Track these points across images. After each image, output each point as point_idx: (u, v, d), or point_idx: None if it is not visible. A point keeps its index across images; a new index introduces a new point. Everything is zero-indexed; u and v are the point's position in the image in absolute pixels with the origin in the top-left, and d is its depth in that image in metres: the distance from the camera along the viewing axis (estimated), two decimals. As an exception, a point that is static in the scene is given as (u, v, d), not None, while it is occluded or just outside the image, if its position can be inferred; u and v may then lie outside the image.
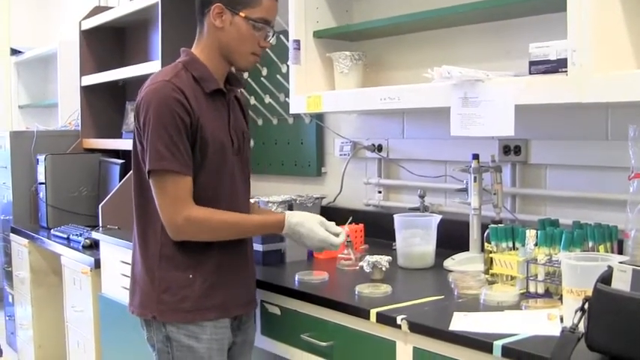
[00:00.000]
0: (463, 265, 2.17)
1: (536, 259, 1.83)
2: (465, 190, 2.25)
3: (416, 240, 2.25)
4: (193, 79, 1.82)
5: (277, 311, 2.08)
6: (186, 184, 1.76)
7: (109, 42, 4.05)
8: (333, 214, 2.93)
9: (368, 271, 2.08)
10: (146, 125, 1.75)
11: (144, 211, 1.83)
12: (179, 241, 1.81)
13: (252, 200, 2.33)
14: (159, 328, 1.83)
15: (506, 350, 1.46)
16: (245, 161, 1.94)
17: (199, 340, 1.81)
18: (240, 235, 1.86)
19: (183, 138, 1.75)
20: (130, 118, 3.84)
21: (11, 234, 3.92)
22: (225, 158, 1.84)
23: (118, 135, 3.93)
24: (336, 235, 1.93)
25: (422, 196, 2.54)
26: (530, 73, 1.89)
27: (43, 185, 3.79)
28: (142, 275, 1.85)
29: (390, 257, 2.12)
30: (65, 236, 3.47)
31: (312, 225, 1.89)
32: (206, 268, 1.83)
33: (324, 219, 1.94)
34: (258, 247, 2.32)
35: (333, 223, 1.97)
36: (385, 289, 1.92)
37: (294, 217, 1.88)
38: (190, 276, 1.81)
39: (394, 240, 2.34)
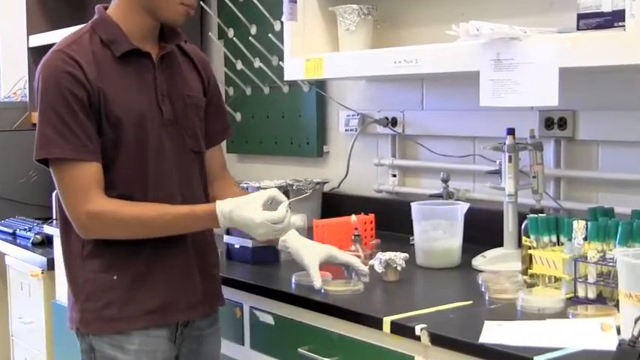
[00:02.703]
0: (496, 263, 2.17)
1: (586, 257, 1.82)
2: (497, 173, 2.24)
3: (438, 233, 2.25)
4: (101, 43, 1.83)
5: (270, 320, 2.08)
6: (88, 172, 1.77)
7: (62, -7, 4.02)
8: (338, 202, 2.92)
9: (380, 271, 2.08)
10: (36, 106, 1.80)
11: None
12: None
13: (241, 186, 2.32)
14: (83, 337, 1.88)
15: (549, 367, 1.45)
16: (190, 133, 1.93)
17: (125, 350, 1.84)
18: (164, 230, 1.84)
19: (80, 117, 1.76)
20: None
21: (-55, 228, 3.91)
22: (148, 133, 1.84)
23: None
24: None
25: (445, 180, 2.53)
26: (578, 29, 1.87)
27: (-17, 169, 3.78)
28: (68, 280, 1.90)
29: (407, 254, 2.11)
30: (10, 231, 3.46)
31: (246, 209, 1.81)
32: (134, 266, 1.85)
33: (275, 194, 1.86)
34: (246, 243, 2.33)
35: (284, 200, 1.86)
36: (355, 285, 1.95)
37: (226, 206, 1.82)
38: (115, 277, 1.83)
39: (412, 233, 2.34)
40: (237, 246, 2.37)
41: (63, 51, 1.79)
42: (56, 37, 3.74)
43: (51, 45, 3.86)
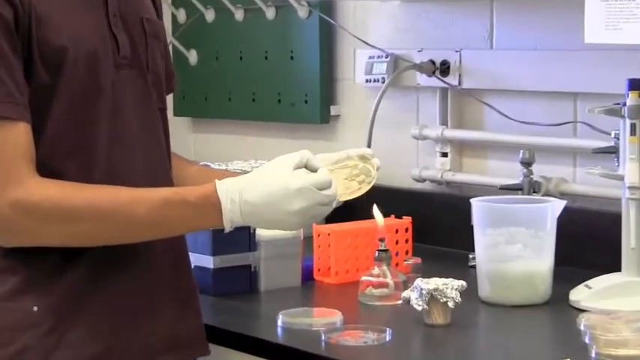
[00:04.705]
0: (609, 298, 2.16)
1: None
2: (612, 152, 2.24)
3: (515, 249, 2.25)
4: None
5: (241, 387, 2.09)
6: (14, 138, 1.76)
7: None
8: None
9: (421, 308, 2.07)
10: None
11: None
12: (13, 247, 1.80)
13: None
14: None
15: None
16: (155, 80, 1.95)
17: None
18: (133, 230, 1.82)
19: (4, 51, 1.74)
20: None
21: None
22: (100, 78, 1.84)
23: None
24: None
25: (527, 163, 2.53)
26: None
27: None
28: None
29: (464, 282, 2.10)
30: None
31: (267, 179, 1.81)
32: (63, 291, 1.82)
33: (309, 156, 1.88)
34: (204, 259, 2.33)
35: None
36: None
37: (231, 184, 1.81)
38: (35, 308, 1.81)
39: (472, 249, 2.34)
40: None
41: None
42: None
43: None
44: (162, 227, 1.85)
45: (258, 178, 1.82)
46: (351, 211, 2.07)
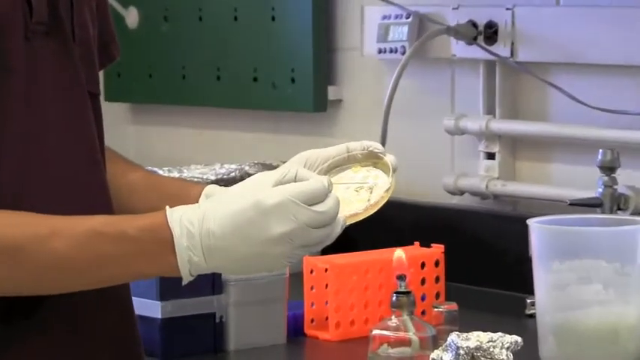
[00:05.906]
0: None
1: None
2: None
3: (592, 290, 2.25)
4: None
5: None
6: None
7: None
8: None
9: (456, 375, 2.05)
10: None
11: None
12: None
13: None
14: None
15: None
16: (84, 52, 1.96)
17: None
18: (45, 276, 1.82)
19: None
20: None
21: None
22: (6, 52, 1.85)
23: None
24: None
25: (608, 168, 2.52)
26: None
27: None
28: None
29: (518, 338, 2.08)
30: None
31: (238, 195, 1.79)
32: None
33: (298, 167, 1.82)
34: (149, 306, 2.35)
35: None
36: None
37: (188, 212, 1.79)
38: None
39: (529, 291, 2.35)
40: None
41: None
42: None
43: None
44: (91, 272, 1.84)
45: (223, 200, 1.81)
46: (355, 236, 2.04)
